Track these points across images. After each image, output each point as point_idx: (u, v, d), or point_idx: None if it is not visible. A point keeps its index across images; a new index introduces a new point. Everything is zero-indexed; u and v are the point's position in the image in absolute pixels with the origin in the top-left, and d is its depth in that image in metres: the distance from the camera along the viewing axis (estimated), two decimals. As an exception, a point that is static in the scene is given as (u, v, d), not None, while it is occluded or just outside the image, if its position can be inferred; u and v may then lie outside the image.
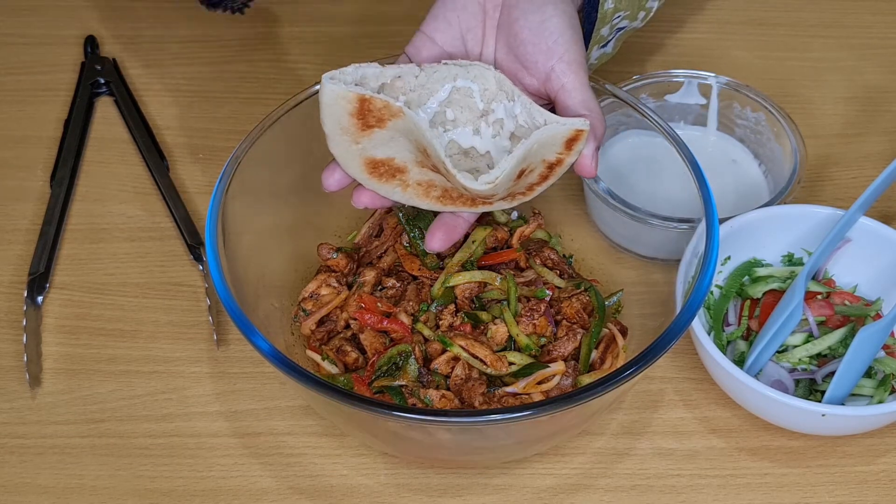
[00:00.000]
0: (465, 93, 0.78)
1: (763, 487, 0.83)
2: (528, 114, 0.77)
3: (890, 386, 0.86)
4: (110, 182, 1.04)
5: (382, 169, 0.77)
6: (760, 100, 1.00)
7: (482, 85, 0.78)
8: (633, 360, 0.72)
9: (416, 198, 0.79)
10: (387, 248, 0.90)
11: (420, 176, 0.78)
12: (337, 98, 0.74)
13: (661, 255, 0.90)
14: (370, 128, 0.74)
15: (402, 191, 0.78)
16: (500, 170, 0.73)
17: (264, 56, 1.17)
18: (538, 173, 0.77)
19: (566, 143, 0.75)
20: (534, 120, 0.77)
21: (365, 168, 0.77)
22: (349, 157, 0.77)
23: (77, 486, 0.83)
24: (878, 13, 1.22)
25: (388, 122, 0.74)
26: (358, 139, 0.75)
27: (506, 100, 0.78)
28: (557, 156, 0.76)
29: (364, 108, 0.74)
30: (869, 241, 0.90)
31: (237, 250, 0.80)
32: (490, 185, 0.73)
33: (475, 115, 0.79)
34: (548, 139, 0.74)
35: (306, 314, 0.86)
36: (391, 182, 0.78)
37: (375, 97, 0.73)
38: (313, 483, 0.83)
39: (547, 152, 0.75)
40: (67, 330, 0.92)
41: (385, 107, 0.73)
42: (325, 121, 0.75)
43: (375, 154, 0.76)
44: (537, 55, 0.78)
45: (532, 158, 0.75)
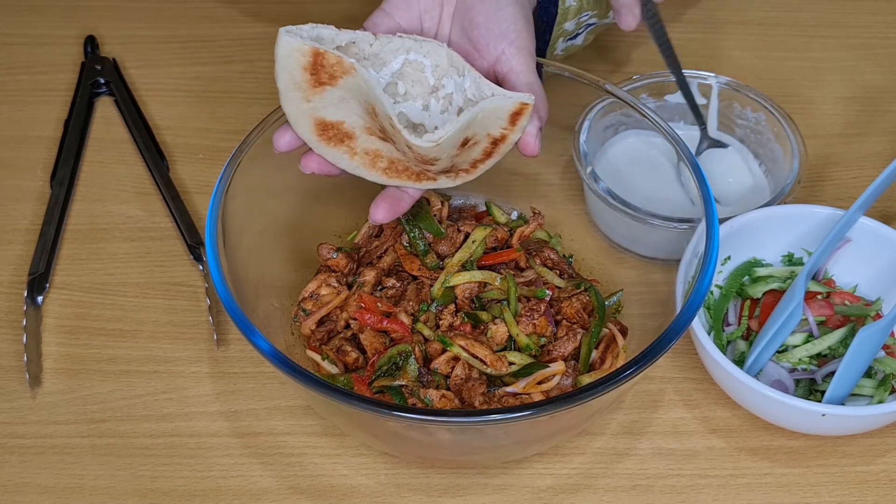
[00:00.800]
0: (417, 66, 0.80)
1: (763, 487, 0.83)
2: (476, 87, 0.79)
3: (890, 386, 0.86)
4: (110, 182, 1.04)
5: (331, 132, 0.78)
6: (760, 100, 1.00)
7: (434, 61, 0.80)
8: (633, 360, 0.72)
9: (363, 167, 0.80)
10: (387, 248, 0.90)
11: (368, 144, 0.79)
12: (292, 51, 0.75)
13: (661, 255, 0.90)
14: (322, 84, 0.76)
15: (349, 158, 0.79)
16: (444, 130, 0.75)
17: (264, 56, 1.16)
18: (482, 148, 0.78)
19: (511, 118, 0.77)
20: (482, 92, 0.79)
21: (315, 129, 0.78)
22: (300, 115, 0.78)
23: (77, 486, 0.83)
24: (878, 13, 1.22)
25: (340, 79, 0.75)
26: (309, 97, 0.76)
27: (456, 75, 0.80)
28: (502, 131, 0.77)
29: (317, 62, 0.75)
30: (869, 241, 0.90)
31: (237, 250, 0.80)
32: (433, 143, 0.74)
33: (425, 90, 0.81)
34: (493, 110, 0.76)
35: (306, 314, 0.86)
36: (339, 147, 0.79)
37: (329, 52, 0.75)
38: (313, 483, 0.83)
39: (492, 125, 0.77)
40: (67, 330, 0.92)
41: (338, 62, 0.74)
42: (279, 74, 0.76)
43: (326, 115, 0.78)
44: (489, 38, 0.81)
45: (477, 128, 0.77)
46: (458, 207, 0.96)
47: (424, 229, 0.88)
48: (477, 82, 0.79)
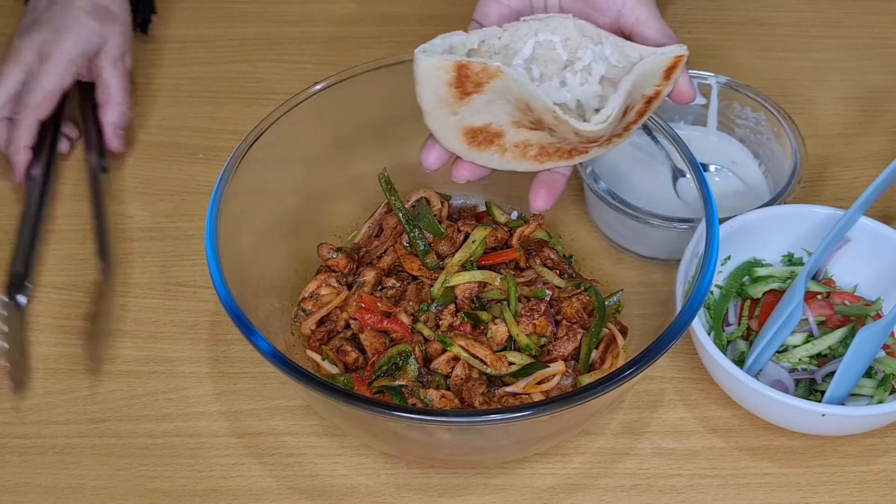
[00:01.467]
0: (548, 46, 0.77)
1: (763, 487, 0.83)
2: (620, 52, 0.76)
3: (890, 386, 0.86)
4: (110, 182, 1.04)
5: (481, 136, 0.76)
6: (760, 100, 1.00)
7: (563, 35, 0.77)
8: (633, 360, 0.72)
9: (514, 161, 0.78)
10: (387, 248, 0.90)
11: (516, 137, 0.77)
12: (434, 69, 0.73)
13: (661, 255, 0.90)
14: (468, 94, 0.73)
15: (500, 156, 0.78)
16: (610, 108, 0.73)
17: (264, 56, 1.17)
18: (636, 110, 0.76)
19: (665, 73, 0.75)
20: (628, 57, 0.76)
21: (464, 138, 0.76)
22: (447, 130, 0.76)
23: (77, 486, 0.83)
24: (879, 13, 1.22)
25: (486, 85, 0.73)
26: (456, 110, 0.74)
27: (592, 44, 0.77)
28: (655, 88, 0.75)
29: (462, 74, 0.72)
30: (869, 240, 0.90)
31: (237, 250, 0.80)
32: (603, 124, 0.72)
33: (559, 66, 0.78)
34: (648, 71, 0.74)
35: (306, 314, 0.86)
36: (489, 149, 0.77)
37: (473, 61, 0.72)
38: (313, 483, 0.83)
39: (646, 86, 0.75)
40: (67, 330, 0.92)
41: (483, 69, 0.72)
42: (423, 95, 0.74)
43: (474, 122, 0.76)
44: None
45: (634, 93, 0.75)
46: (458, 207, 0.96)
47: (424, 229, 0.88)
48: (619, 46, 0.76)
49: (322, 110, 0.88)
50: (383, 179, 0.89)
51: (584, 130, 0.73)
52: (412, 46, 0.73)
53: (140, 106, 1.10)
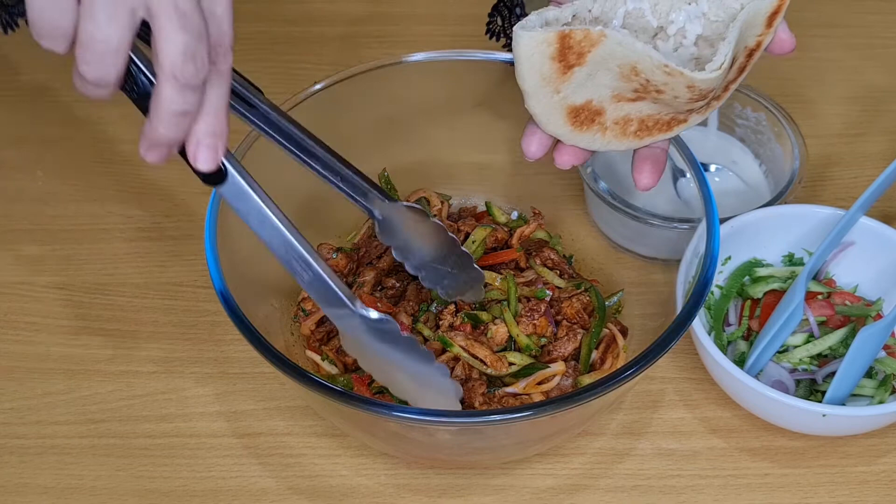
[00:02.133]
0: (637, 15, 0.75)
1: (764, 488, 0.83)
2: (718, 4, 0.74)
3: (891, 386, 0.86)
4: (110, 182, 1.04)
5: (583, 115, 0.74)
6: (761, 100, 1.00)
7: (652, 1, 0.75)
8: (634, 360, 0.72)
9: (615, 139, 0.76)
10: (387, 248, 0.90)
11: (616, 113, 0.75)
12: (537, 44, 0.70)
13: (661, 255, 0.90)
14: (570, 68, 0.71)
15: (601, 136, 0.75)
16: (721, 55, 0.70)
17: (264, 56, 1.17)
18: (738, 64, 0.74)
19: (768, 20, 0.73)
20: (728, 9, 0.74)
21: (567, 119, 0.74)
22: (551, 110, 0.74)
23: (77, 486, 0.83)
24: (880, 13, 1.21)
25: (588, 55, 0.70)
26: (559, 87, 0.72)
27: (685, 3, 0.75)
28: (757, 38, 0.73)
29: (565, 45, 0.70)
30: (870, 241, 0.90)
31: (237, 250, 0.80)
32: (718, 71, 0.70)
33: (649, 35, 0.76)
34: (753, 17, 0.72)
35: (306, 314, 0.86)
36: (591, 129, 0.75)
37: (575, 30, 0.70)
38: (313, 483, 0.83)
39: (748, 36, 0.73)
40: (67, 330, 0.92)
41: (585, 37, 0.70)
42: (525, 75, 0.72)
43: (576, 100, 0.73)
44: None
45: (738, 44, 0.72)
46: (458, 207, 0.96)
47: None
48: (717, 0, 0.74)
49: (322, 110, 0.87)
50: (383, 179, 0.89)
51: (699, 79, 0.70)
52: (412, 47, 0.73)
53: (140, 106, 1.10)
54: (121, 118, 1.09)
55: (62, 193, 1.03)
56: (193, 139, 0.63)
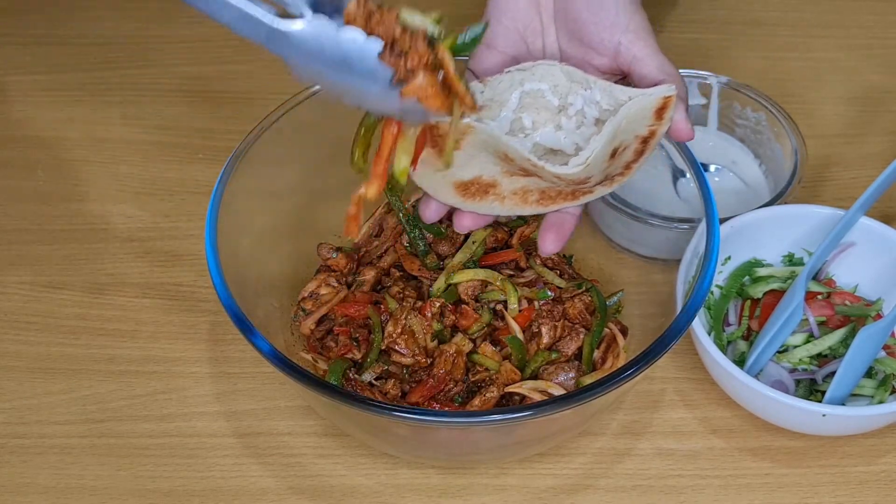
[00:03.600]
0: (536, 95, 0.77)
1: (764, 488, 0.83)
2: (609, 96, 0.75)
3: (890, 386, 0.86)
4: (110, 182, 1.04)
5: (473, 188, 0.75)
6: (761, 100, 1.00)
7: (551, 82, 0.77)
8: (634, 360, 0.72)
9: (517, 206, 0.76)
10: (387, 248, 0.90)
11: (513, 185, 0.75)
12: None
13: (661, 255, 0.90)
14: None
15: (500, 204, 0.76)
16: (589, 150, 0.71)
17: (264, 56, 1.16)
18: (632, 150, 0.75)
19: (656, 113, 0.73)
20: (617, 100, 0.75)
21: (456, 192, 0.76)
22: (437, 185, 0.76)
23: (77, 486, 0.83)
24: (879, 13, 1.22)
25: (462, 141, 0.73)
26: (439, 166, 0.74)
27: (581, 90, 0.76)
28: (649, 128, 0.73)
29: (434, 134, 0.72)
30: (870, 241, 0.90)
31: (237, 250, 0.80)
32: (581, 166, 0.71)
33: (552, 113, 0.77)
34: (636, 113, 0.72)
35: (306, 314, 0.86)
36: (486, 199, 0.76)
37: (441, 122, 0.72)
38: (313, 483, 0.83)
39: (638, 126, 0.73)
40: (67, 330, 0.92)
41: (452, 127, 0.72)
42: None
43: (462, 176, 0.75)
44: (601, 33, 0.76)
45: (623, 136, 0.73)
46: (459, 207, 0.96)
47: (424, 229, 0.88)
48: (608, 91, 0.75)
49: (322, 110, 0.87)
50: (383, 179, 0.89)
51: (562, 174, 0.71)
52: (412, 46, 0.72)
53: (140, 106, 1.10)
54: (121, 118, 1.09)
55: (62, 193, 1.03)
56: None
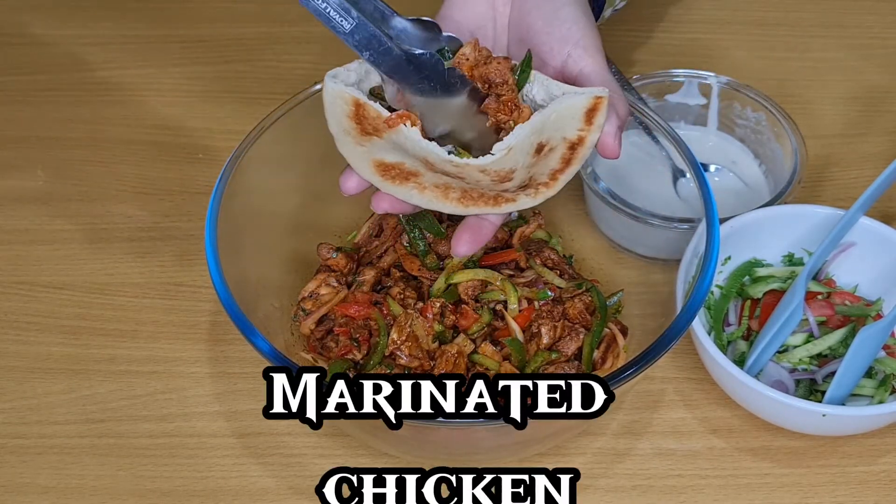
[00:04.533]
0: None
1: (764, 488, 0.83)
2: (545, 90, 0.74)
3: (890, 386, 0.86)
4: (110, 182, 1.04)
5: (394, 172, 0.74)
6: (761, 100, 1.00)
7: None
8: (634, 360, 0.72)
9: (436, 200, 0.74)
10: (387, 248, 0.90)
11: (435, 179, 0.74)
12: (335, 97, 0.72)
13: (661, 255, 0.90)
14: (368, 135, 0.72)
15: (419, 193, 0.74)
16: (513, 136, 0.69)
17: (264, 56, 1.17)
18: (559, 155, 0.73)
19: (586, 115, 0.71)
20: (552, 95, 0.74)
21: (376, 170, 0.74)
22: (357, 158, 0.74)
23: (77, 486, 0.83)
24: (879, 13, 1.22)
25: (384, 132, 0.71)
26: (360, 142, 0.73)
27: None
28: (578, 133, 0.72)
29: (360, 113, 0.71)
30: (870, 241, 0.90)
31: (237, 250, 0.80)
32: (504, 151, 0.69)
33: None
34: (566, 110, 0.71)
35: (306, 314, 0.86)
36: (406, 185, 0.74)
37: (370, 105, 0.70)
38: (313, 483, 0.83)
39: (567, 127, 0.72)
40: (67, 330, 0.92)
41: (378, 117, 0.70)
42: (329, 120, 0.73)
43: (385, 158, 0.73)
44: (552, 43, 0.77)
45: (551, 132, 0.71)
46: (459, 207, 0.96)
47: (424, 229, 0.88)
48: (545, 84, 0.74)
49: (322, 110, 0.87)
50: (383, 179, 0.89)
51: (486, 165, 0.69)
52: (412, 46, 0.72)
53: (140, 106, 1.10)
54: (121, 118, 1.09)
55: (62, 193, 1.03)
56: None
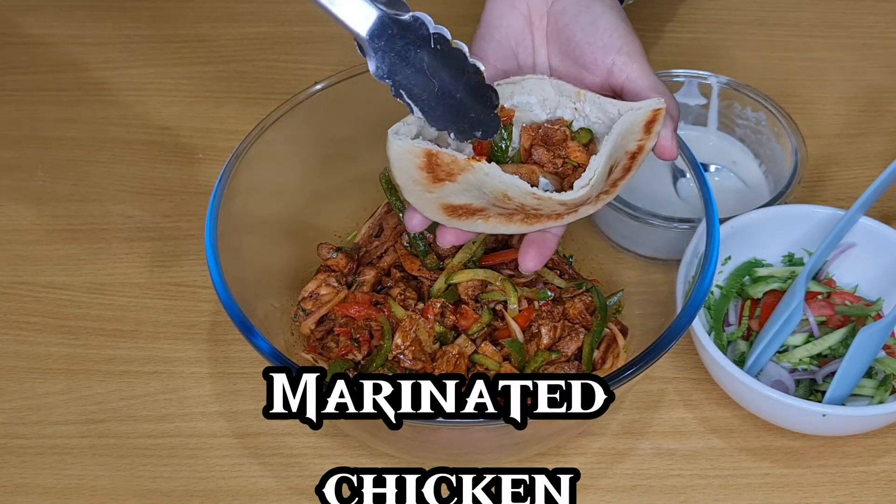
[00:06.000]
0: (525, 108, 0.77)
1: (764, 488, 0.83)
2: (599, 109, 0.75)
3: (890, 386, 0.86)
4: (110, 182, 1.04)
5: (461, 211, 0.75)
6: (761, 100, 1.00)
7: (540, 96, 0.77)
8: (634, 360, 0.72)
9: (501, 225, 0.76)
10: (387, 248, 0.90)
11: (501, 210, 0.75)
12: (405, 153, 0.72)
13: (661, 255, 0.90)
14: (441, 181, 0.73)
15: (484, 222, 0.76)
16: (591, 170, 0.71)
17: (264, 56, 1.17)
18: (621, 166, 0.75)
19: (645, 127, 0.73)
20: (607, 113, 0.75)
21: (443, 212, 0.75)
22: (425, 204, 0.75)
23: (77, 487, 0.83)
24: (879, 13, 1.22)
25: (459, 175, 0.72)
26: (431, 189, 0.73)
27: (570, 103, 0.77)
28: (638, 143, 0.74)
29: (432, 162, 0.72)
30: (869, 241, 0.90)
31: (237, 250, 0.80)
32: (586, 188, 0.71)
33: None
34: (628, 128, 0.72)
35: (306, 314, 0.86)
36: (472, 219, 0.76)
37: (442, 152, 0.71)
38: (313, 483, 0.83)
39: (628, 142, 0.74)
40: (67, 330, 0.92)
41: (453, 162, 0.71)
42: (396, 175, 0.74)
43: (452, 201, 0.74)
44: (595, 53, 0.77)
45: (617, 152, 0.73)
46: (459, 207, 0.96)
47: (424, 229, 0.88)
48: (597, 104, 0.75)
49: (322, 110, 0.88)
50: (383, 179, 0.89)
51: (568, 200, 0.71)
52: (412, 46, 0.72)
53: (140, 106, 1.10)
54: (120, 118, 1.09)
55: (62, 193, 1.03)
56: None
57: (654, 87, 0.76)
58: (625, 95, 0.77)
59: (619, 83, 0.77)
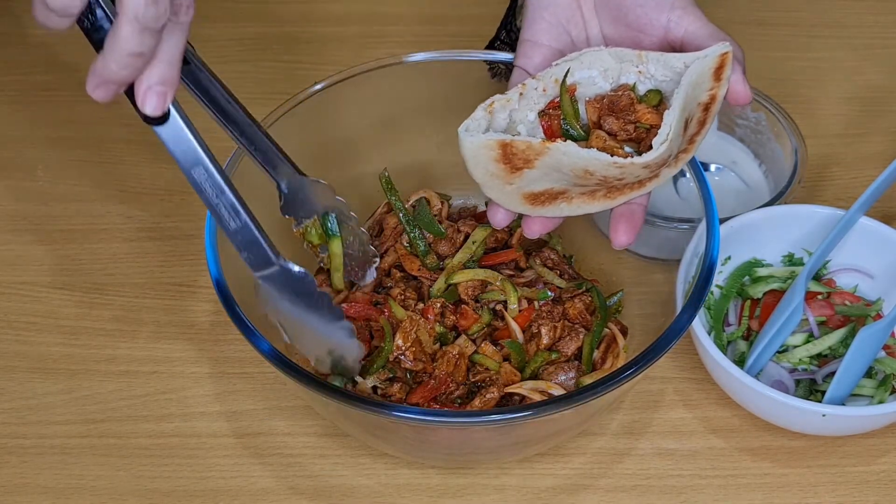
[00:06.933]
0: (588, 83, 0.77)
1: (763, 488, 0.83)
2: (664, 66, 0.75)
3: (890, 386, 0.86)
4: (110, 182, 1.04)
5: (543, 198, 0.75)
6: (761, 100, 1.00)
7: (600, 67, 0.76)
8: (634, 360, 0.72)
9: (585, 205, 0.76)
10: (387, 249, 0.90)
11: (582, 189, 0.75)
12: (479, 148, 0.72)
13: (661, 255, 0.90)
14: (519, 170, 0.73)
15: (567, 205, 0.76)
16: (667, 126, 0.70)
17: (264, 56, 1.17)
18: (696, 120, 0.74)
19: (714, 75, 0.72)
20: (673, 69, 0.74)
21: (526, 201, 0.75)
22: (507, 196, 0.75)
23: (77, 486, 0.83)
24: (879, 13, 1.22)
25: (537, 160, 0.72)
26: (510, 181, 0.74)
27: (633, 67, 0.76)
28: (709, 93, 0.73)
29: (508, 152, 0.72)
30: (870, 241, 0.90)
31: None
32: (665, 143, 0.70)
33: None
34: (697, 78, 0.72)
35: (306, 314, 0.86)
36: (555, 203, 0.76)
37: (516, 140, 0.71)
38: (313, 483, 0.83)
39: (700, 93, 0.73)
40: (67, 330, 0.92)
41: (528, 147, 0.71)
42: (474, 172, 0.74)
43: (533, 188, 0.74)
44: (649, 13, 0.76)
45: (690, 105, 0.72)
46: (458, 208, 0.96)
47: (425, 229, 0.88)
48: (661, 61, 0.74)
49: (322, 110, 0.87)
50: (383, 179, 0.89)
51: (650, 161, 0.71)
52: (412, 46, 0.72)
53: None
54: (120, 118, 1.09)
55: (62, 193, 1.03)
56: (144, 84, 0.64)
57: (715, 34, 0.75)
58: (686, 50, 0.76)
59: (678, 38, 0.76)
